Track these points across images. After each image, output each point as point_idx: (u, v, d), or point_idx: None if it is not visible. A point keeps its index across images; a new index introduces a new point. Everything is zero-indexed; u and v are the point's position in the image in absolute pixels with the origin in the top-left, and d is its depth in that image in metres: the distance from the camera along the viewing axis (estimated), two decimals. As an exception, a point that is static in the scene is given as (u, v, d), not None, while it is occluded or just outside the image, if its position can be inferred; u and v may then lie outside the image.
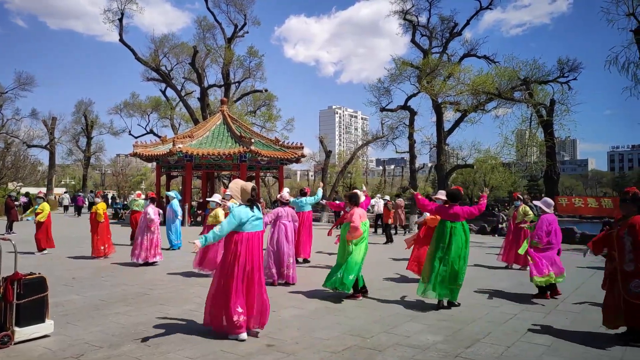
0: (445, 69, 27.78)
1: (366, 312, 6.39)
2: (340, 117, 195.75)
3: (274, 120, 41.16)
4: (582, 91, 75.55)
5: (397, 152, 34.81)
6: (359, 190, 8.07)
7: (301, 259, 10.55)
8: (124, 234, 15.34)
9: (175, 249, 12.94)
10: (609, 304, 5.29)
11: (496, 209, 26.05)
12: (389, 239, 16.39)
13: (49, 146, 44.34)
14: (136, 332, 5.23)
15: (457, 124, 29.28)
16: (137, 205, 14.23)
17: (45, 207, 12.05)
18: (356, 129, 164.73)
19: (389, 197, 19.48)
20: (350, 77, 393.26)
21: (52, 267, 9.63)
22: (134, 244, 10.38)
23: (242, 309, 5.03)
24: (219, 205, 9.38)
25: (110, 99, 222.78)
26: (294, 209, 9.75)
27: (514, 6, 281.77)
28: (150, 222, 10.32)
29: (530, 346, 4.99)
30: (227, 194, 8.68)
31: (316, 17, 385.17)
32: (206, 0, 34.94)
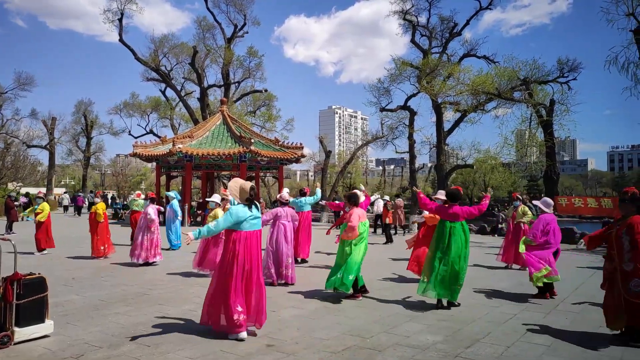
0: (445, 69, 27.81)
1: (366, 312, 6.39)
2: (340, 117, 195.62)
3: (273, 120, 41.20)
4: (582, 91, 75.85)
5: (396, 152, 34.86)
6: (358, 190, 8.07)
7: (299, 259, 10.55)
8: (123, 234, 15.35)
9: (174, 249, 12.97)
10: (609, 304, 5.30)
11: (496, 209, 26.04)
12: (389, 239, 16.40)
13: (48, 146, 44.35)
14: (136, 333, 5.23)
15: (456, 124, 29.32)
16: (136, 205, 14.24)
17: (45, 207, 12.06)
18: (356, 129, 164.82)
19: (388, 198, 19.50)
20: (350, 77, 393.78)
21: (51, 267, 9.63)
22: (134, 244, 10.38)
23: (241, 307, 5.04)
24: (218, 205, 9.38)
25: (110, 99, 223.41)
26: (294, 209, 9.76)
27: (513, 6, 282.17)
28: (150, 222, 10.34)
29: (530, 346, 4.99)
30: (227, 195, 8.67)
31: (316, 17, 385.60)
32: (206, 0, 34.98)
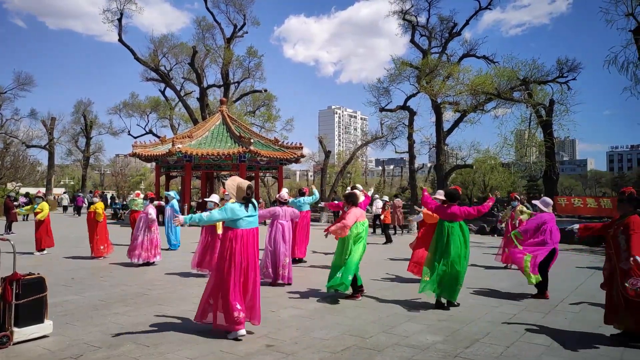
0: (444, 69, 27.85)
1: (365, 312, 6.39)
2: (339, 117, 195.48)
3: (273, 120, 41.25)
4: (582, 91, 75.91)
5: (396, 152, 34.93)
6: (357, 190, 8.06)
7: (296, 258, 10.53)
8: (123, 234, 15.33)
9: (174, 250, 12.96)
10: (610, 304, 5.32)
11: (495, 209, 26.05)
12: (388, 239, 16.40)
13: (48, 146, 44.36)
14: (135, 333, 5.23)
15: (456, 124, 29.36)
16: (136, 204, 14.23)
17: (44, 206, 12.07)
18: (355, 129, 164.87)
19: (387, 198, 19.52)
20: (349, 77, 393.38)
21: (51, 267, 9.63)
22: (133, 244, 10.36)
23: (240, 305, 5.05)
24: (217, 205, 9.37)
25: (109, 99, 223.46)
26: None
27: (513, 6, 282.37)
28: (151, 222, 10.34)
29: (529, 346, 4.99)
30: (227, 195, 8.67)
31: (316, 17, 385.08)
32: (205, 0, 34.98)
